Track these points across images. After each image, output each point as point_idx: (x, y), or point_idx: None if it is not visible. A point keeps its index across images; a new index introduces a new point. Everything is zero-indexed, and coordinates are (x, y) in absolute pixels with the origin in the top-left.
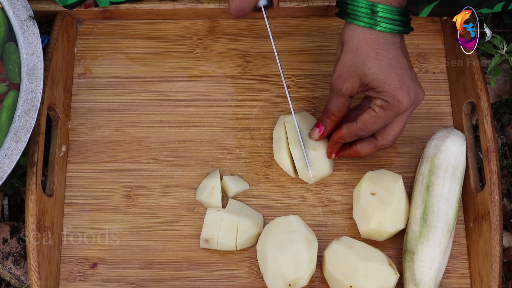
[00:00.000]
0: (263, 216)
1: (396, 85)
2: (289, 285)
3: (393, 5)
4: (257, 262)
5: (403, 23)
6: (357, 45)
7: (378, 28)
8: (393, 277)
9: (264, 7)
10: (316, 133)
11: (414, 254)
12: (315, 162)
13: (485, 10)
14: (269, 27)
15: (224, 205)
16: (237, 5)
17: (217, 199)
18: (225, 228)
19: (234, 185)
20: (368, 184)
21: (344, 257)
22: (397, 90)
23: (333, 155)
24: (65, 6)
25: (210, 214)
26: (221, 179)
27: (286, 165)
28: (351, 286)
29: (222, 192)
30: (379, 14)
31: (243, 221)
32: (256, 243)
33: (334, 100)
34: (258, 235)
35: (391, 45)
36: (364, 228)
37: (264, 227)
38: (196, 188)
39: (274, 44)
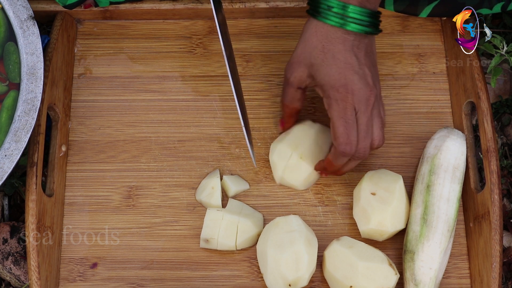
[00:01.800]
0: (263, 216)
1: (336, 77)
2: (289, 285)
3: (365, 6)
4: (257, 262)
5: (372, 24)
6: (308, 36)
7: (347, 27)
8: (393, 277)
9: None
10: (280, 127)
11: (414, 254)
12: (299, 168)
13: (484, 11)
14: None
15: (224, 205)
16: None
17: (217, 199)
18: (225, 228)
19: (234, 185)
20: (368, 184)
21: (344, 257)
22: (335, 82)
23: (323, 175)
24: (65, 6)
25: (210, 214)
26: (221, 179)
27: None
28: (351, 286)
29: (222, 192)
30: (350, 14)
31: (243, 221)
32: (256, 243)
33: (285, 90)
34: (258, 235)
35: (340, 41)
36: (364, 228)
37: (264, 227)
38: (196, 188)
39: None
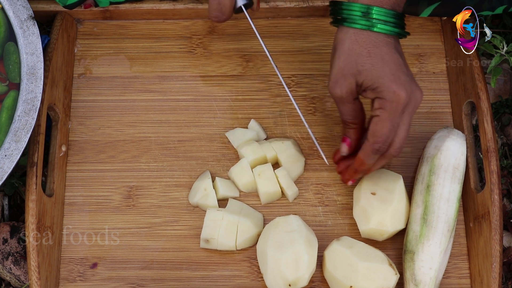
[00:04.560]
0: (263, 216)
1: (390, 78)
2: (289, 285)
3: (387, 7)
4: (257, 262)
5: (398, 25)
6: (349, 46)
7: (375, 29)
8: (393, 277)
9: (244, 6)
10: (345, 147)
11: (414, 254)
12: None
13: (485, 13)
14: (255, 26)
15: (223, 205)
16: (215, 12)
17: (213, 199)
18: (225, 228)
19: (223, 189)
20: (368, 184)
21: (344, 257)
22: (391, 83)
23: (350, 182)
24: (65, 6)
25: (210, 214)
26: (213, 180)
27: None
28: (351, 286)
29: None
30: (374, 16)
31: (243, 221)
32: (256, 243)
33: (342, 108)
34: (258, 235)
35: (384, 44)
36: (364, 228)
37: (264, 227)
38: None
39: (264, 44)
